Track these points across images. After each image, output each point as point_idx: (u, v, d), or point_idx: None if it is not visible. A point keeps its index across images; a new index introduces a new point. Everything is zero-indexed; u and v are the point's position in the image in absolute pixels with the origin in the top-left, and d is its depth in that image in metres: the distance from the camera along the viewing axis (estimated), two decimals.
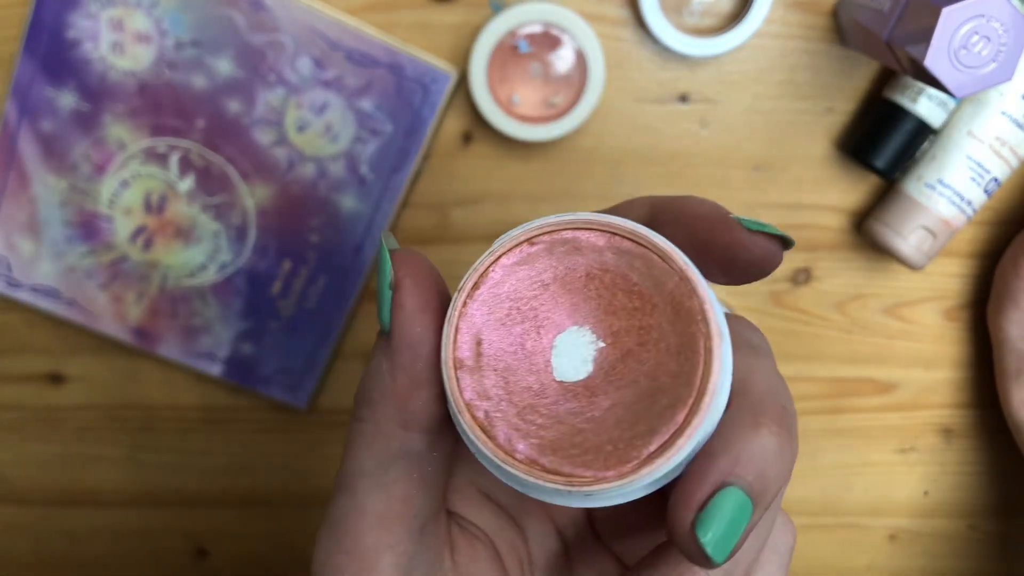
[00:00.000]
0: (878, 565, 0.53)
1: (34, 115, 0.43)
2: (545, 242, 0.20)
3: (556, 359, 0.20)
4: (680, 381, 0.19)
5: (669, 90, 0.44)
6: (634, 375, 0.19)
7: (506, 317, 0.20)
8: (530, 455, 0.19)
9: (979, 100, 0.42)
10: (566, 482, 0.18)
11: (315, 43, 0.42)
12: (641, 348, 0.19)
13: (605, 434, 0.19)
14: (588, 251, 0.20)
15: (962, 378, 0.49)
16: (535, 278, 0.20)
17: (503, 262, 0.20)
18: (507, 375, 0.19)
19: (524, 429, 0.19)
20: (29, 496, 0.51)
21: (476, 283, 0.20)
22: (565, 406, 0.19)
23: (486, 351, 0.20)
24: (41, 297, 0.46)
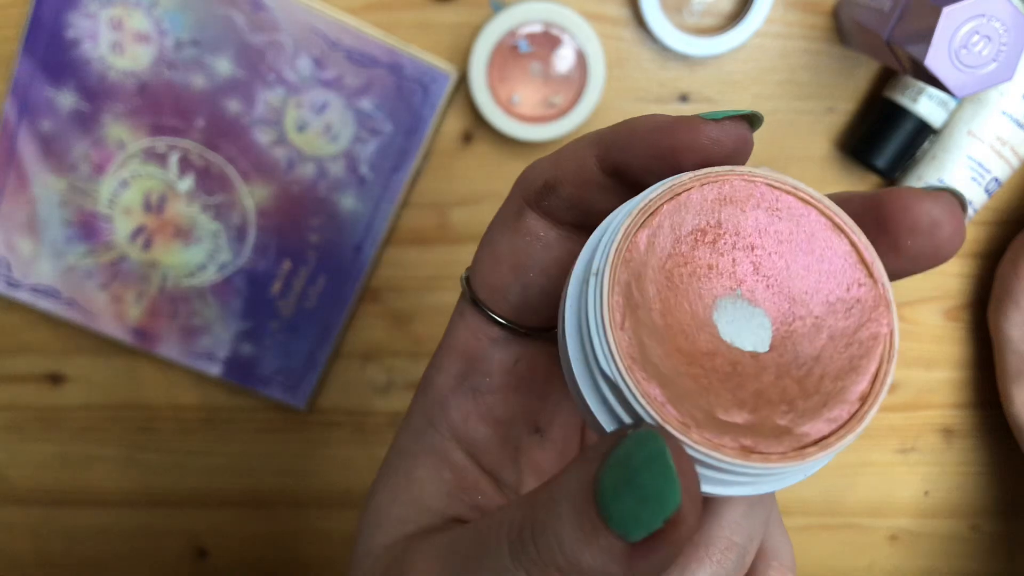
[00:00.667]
0: (879, 565, 0.53)
1: (34, 115, 0.43)
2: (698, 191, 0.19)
3: (725, 327, 0.18)
4: (861, 331, 0.18)
5: (669, 90, 0.44)
6: (804, 346, 0.18)
7: (666, 281, 0.18)
8: (708, 432, 0.17)
9: (979, 100, 0.42)
10: (743, 459, 0.16)
11: (315, 43, 0.42)
12: (812, 318, 0.18)
13: (776, 407, 0.17)
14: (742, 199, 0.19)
15: (963, 378, 0.49)
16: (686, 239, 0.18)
17: (669, 203, 0.18)
18: (671, 343, 0.17)
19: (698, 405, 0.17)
20: (29, 496, 0.51)
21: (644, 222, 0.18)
22: (734, 381, 0.17)
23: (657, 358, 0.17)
24: (41, 297, 0.46)
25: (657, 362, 0.17)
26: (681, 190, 0.18)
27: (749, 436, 0.17)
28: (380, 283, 0.47)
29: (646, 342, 0.17)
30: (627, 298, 0.17)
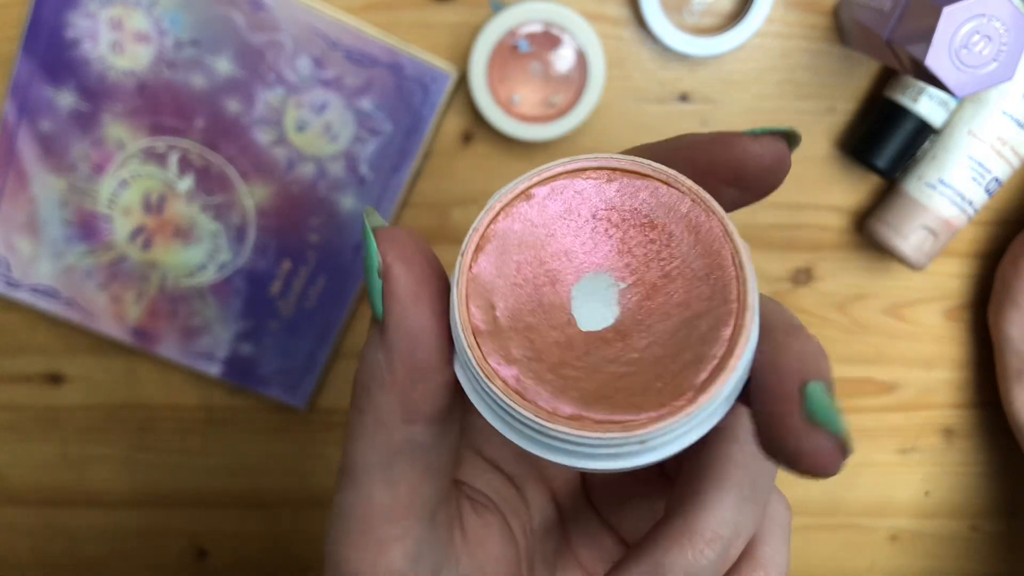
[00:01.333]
0: (879, 565, 0.53)
1: (33, 115, 0.43)
2: (543, 192, 0.19)
3: (578, 310, 0.18)
4: (716, 302, 0.18)
5: (669, 90, 0.44)
6: (665, 308, 0.18)
7: (516, 275, 0.18)
8: (575, 411, 0.17)
9: (980, 100, 0.42)
10: (621, 429, 0.17)
11: (315, 43, 0.42)
12: (666, 279, 0.18)
13: (650, 371, 0.17)
14: (589, 192, 0.19)
15: (963, 378, 0.49)
16: (539, 230, 0.19)
17: (501, 219, 0.19)
18: (530, 334, 0.18)
19: (561, 385, 0.17)
20: (28, 496, 0.51)
21: (479, 245, 0.18)
22: (599, 354, 0.18)
23: (502, 314, 0.18)
24: (40, 297, 0.46)
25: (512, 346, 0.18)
26: (527, 187, 0.19)
27: (595, 410, 0.17)
28: None
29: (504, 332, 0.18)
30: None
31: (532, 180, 0.19)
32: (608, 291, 0.18)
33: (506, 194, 0.19)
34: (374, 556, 0.20)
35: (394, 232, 0.19)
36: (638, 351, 0.18)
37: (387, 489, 0.20)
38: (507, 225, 0.19)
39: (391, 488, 0.20)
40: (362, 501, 0.20)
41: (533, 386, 0.17)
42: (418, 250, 0.19)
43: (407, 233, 0.19)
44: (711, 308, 0.18)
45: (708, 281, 0.18)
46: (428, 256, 0.19)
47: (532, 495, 0.25)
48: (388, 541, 0.20)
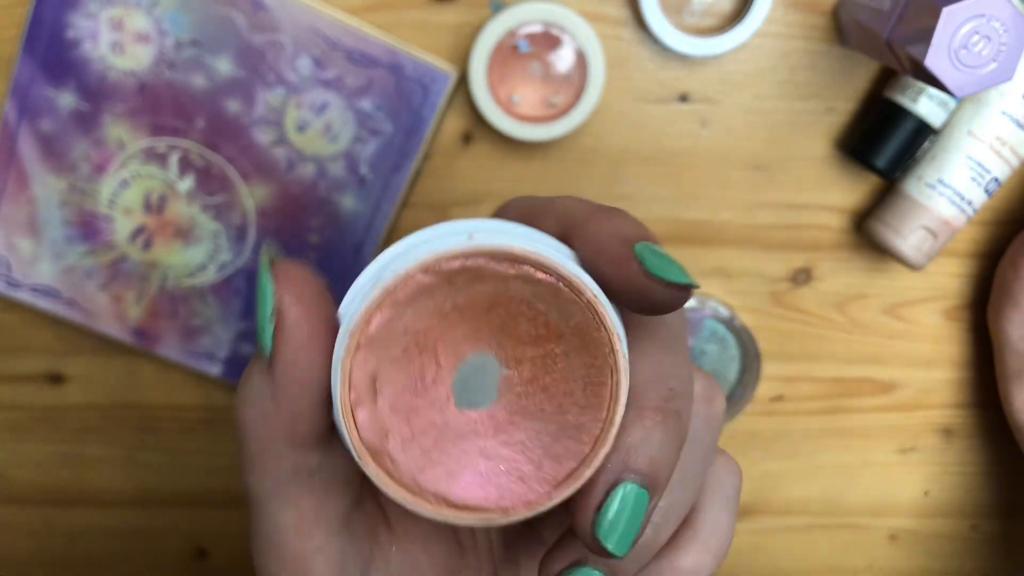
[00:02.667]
0: (879, 565, 0.53)
1: (34, 115, 0.43)
2: (444, 271, 0.18)
3: (458, 388, 0.19)
4: (585, 411, 0.19)
5: (669, 90, 0.44)
6: (540, 404, 0.19)
7: (403, 353, 0.19)
8: (439, 494, 0.19)
9: (979, 100, 0.42)
10: (478, 519, 0.19)
11: (315, 43, 0.42)
12: (546, 376, 0.19)
13: (513, 464, 0.19)
14: (491, 279, 0.18)
15: (962, 378, 0.49)
16: (433, 309, 0.18)
17: (397, 296, 0.18)
18: (408, 413, 0.19)
19: (430, 469, 0.19)
20: (29, 496, 0.51)
21: (367, 319, 0.18)
22: (471, 440, 0.19)
23: (383, 388, 0.18)
24: (41, 297, 0.46)
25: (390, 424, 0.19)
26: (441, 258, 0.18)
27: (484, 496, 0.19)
28: None
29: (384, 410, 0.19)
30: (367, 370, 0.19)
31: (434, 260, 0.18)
32: (491, 374, 0.19)
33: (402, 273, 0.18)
34: (299, 571, 0.20)
35: (291, 269, 0.19)
36: (506, 442, 0.19)
37: (290, 512, 0.20)
38: (399, 304, 0.18)
39: (293, 509, 0.20)
40: (270, 525, 0.20)
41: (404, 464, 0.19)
42: (315, 293, 0.19)
43: (305, 273, 0.19)
44: (581, 418, 0.19)
45: (584, 390, 0.19)
46: (323, 301, 0.19)
47: None
48: (307, 556, 0.20)
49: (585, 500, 0.19)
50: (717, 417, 0.22)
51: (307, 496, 0.20)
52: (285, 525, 0.20)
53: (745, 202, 0.46)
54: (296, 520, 0.20)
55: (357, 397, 0.18)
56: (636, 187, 0.46)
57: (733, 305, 0.48)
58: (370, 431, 0.18)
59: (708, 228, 0.46)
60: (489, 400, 0.19)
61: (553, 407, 0.19)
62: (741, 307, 0.48)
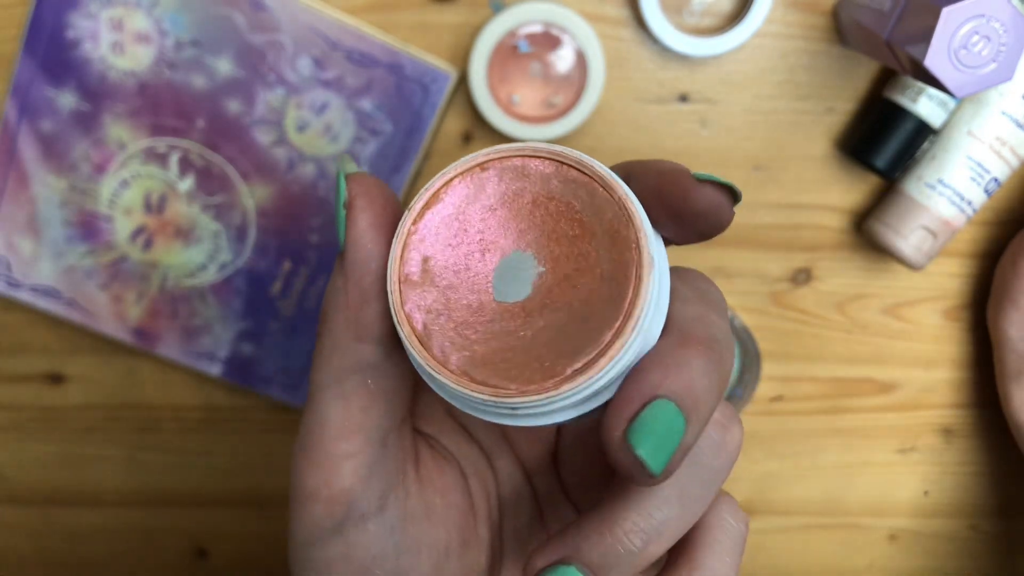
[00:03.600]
0: (878, 565, 0.53)
1: (34, 115, 0.43)
2: (496, 168, 0.21)
3: (498, 280, 0.20)
4: (610, 305, 0.19)
5: (669, 90, 0.44)
6: (568, 299, 0.20)
7: (454, 237, 0.20)
8: (462, 366, 0.20)
9: (979, 100, 0.42)
10: (492, 393, 0.19)
11: (315, 43, 0.42)
12: (577, 274, 0.20)
13: (535, 352, 0.19)
14: (536, 178, 0.20)
15: (962, 378, 0.49)
16: (484, 202, 0.21)
17: (455, 184, 0.21)
18: (449, 292, 0.20)
19: (459, 343, 0.20)
20: (29, 496, 0.51)
21: (428, 203, 0.21)
22: (501, 324, 0.20)
23: (432, 268, 0.20)
24: (41, 297, 0.46)
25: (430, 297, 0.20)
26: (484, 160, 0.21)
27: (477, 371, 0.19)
28: None
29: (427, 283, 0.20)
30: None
31: (490, 156, 0.21)
32: (528, 271, 0.20)
33: (464, 163, 0.21)
34: (327, 473, 0.21)
35: (363, 176, 0.22)
36: (533, 330, 0.20)
37: (339, 406, 0.21)
38: (458, 191, 0.21)
39: (343, 405, 0.21)
40: (318, 419, 0.21)
41: (436, 335, 0.20)
42: (381, 192, 0.21)
43: (374, 178, 0.22)
44: (604, 310, 0.19)
45: (610, 285, 0.19)
46: (390, 199, 0.22)
47: (501, 464, 0.25)
48: (339, 458, 0.21)
49: (619, 407, 0.18)
50: (730, 447, 0.21)
51: (358, 395, 0.21)
52: (330, 419, 0.21)
53: (745, 202, 0.46)
54: (342, 416, 0.21)
55: (408, 271, 0.20)
56: None
57: (733, 305, 0.48)
58: (412, 300, 0.20)
59: None
60: (523, 294, 0.20)
61: (581, 303, 0.19)
62: (741, 307, 0.48)
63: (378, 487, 0.22)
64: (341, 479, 0.21)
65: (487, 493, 0.25)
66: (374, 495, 0.22)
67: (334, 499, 0.21)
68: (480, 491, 0.25)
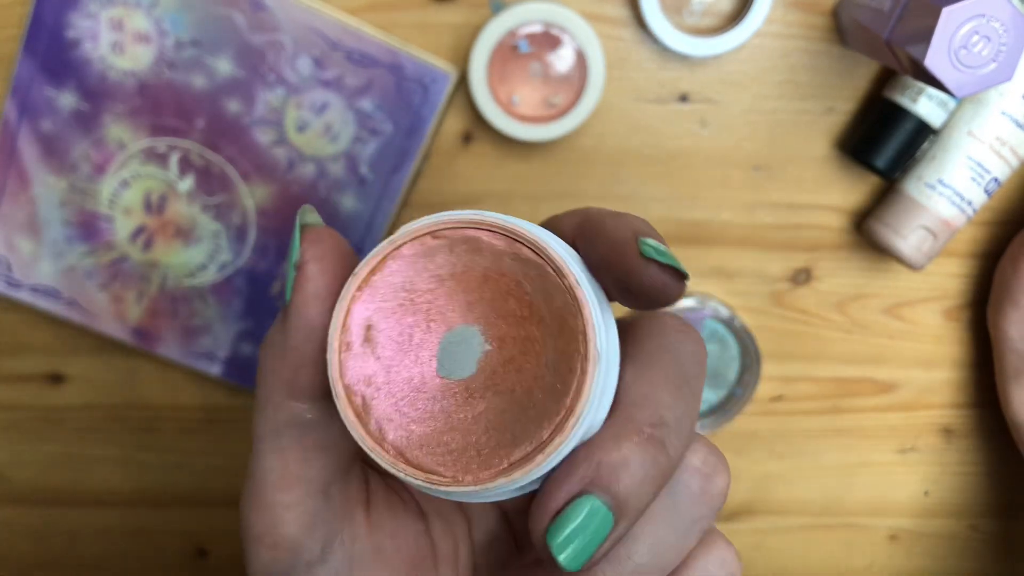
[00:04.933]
0: (879, 565, 0.53)
1: (34, 115, 0.43)
2: (447, 237, 0.20)
3: (442, 355, 0.20)
4: (551, 397, 0.19)
5: (669, 90, 0.44)
6: (511, 384, 0.19)
7: (399, 307, 0.20)
8: (398, 446, 0.19)
9: (979, 100, 0.42)
10: (425, 479, 0.19)
11: (315, 43, 0.42)
12: (523, 357, 0.19)
13: (473, 437, 0.19)
14: (488, 253, 0.20)
15: (962, 378, 0.49)
16: (433, 272, 0.20)
17: (403, 252, 0.20)
18: (390, 364, 0.20)
19: (396, 420, 0.19)
20: (29, 496, 0.51)
21: (373, 269, 0.20)
22: (441, 404, 0.19)
23: (375, 337, 0.20)
24: (41, 297, 0.46)
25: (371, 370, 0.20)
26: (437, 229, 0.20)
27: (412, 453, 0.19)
28: None
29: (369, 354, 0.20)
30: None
31: (442, 224, 0.20)
32: (474, 348, 0.20)
33: (414, 229, 0.20)
34: (270, 520, 0.21)
35: (320, 233, 0.21)
36: (473, 414, 0.19)
37: (276, 459, 0.21)
38: (407, 259, 0.20)
39: (280, 458, 0.21)
40: (259, 468, 0.21)
41: (374, 410, 0.19)
42: (336, 253, 0.21)
43: (331, 236, 0.21)
44: (546, 402, 0.19)
45: (555, 375, 0.19)
46: (344, 258, 0.21)
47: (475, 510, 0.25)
48: (282, 508, 0.21)
49: (544, 501, 0.18)
50: (712, 495, 0.21)
51: (295, 448, 0.21)
52: (269, 470, 0.21)
53: (745, 202, 0.46)
54: (280, 469, 0.21)
55: (349, 339, 0.20)
56: (636, 187, 0.46)
57: (733, 305, 0.48)
58: (352, 371, 0.20)
59: (708, 228, 0.46)
60: (467, 372, 0.20)
61: (523, 390, 0.19)
62: (741, 307, 0.48)
63: (321, 535, 0.22)
64: (285, 526, 0.21)
65: (452, 533, 0.24)
66: (317, 543, 0.21)
67: (279, 545, 0.21)
68: (443, 531, 0.24)
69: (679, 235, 0.47)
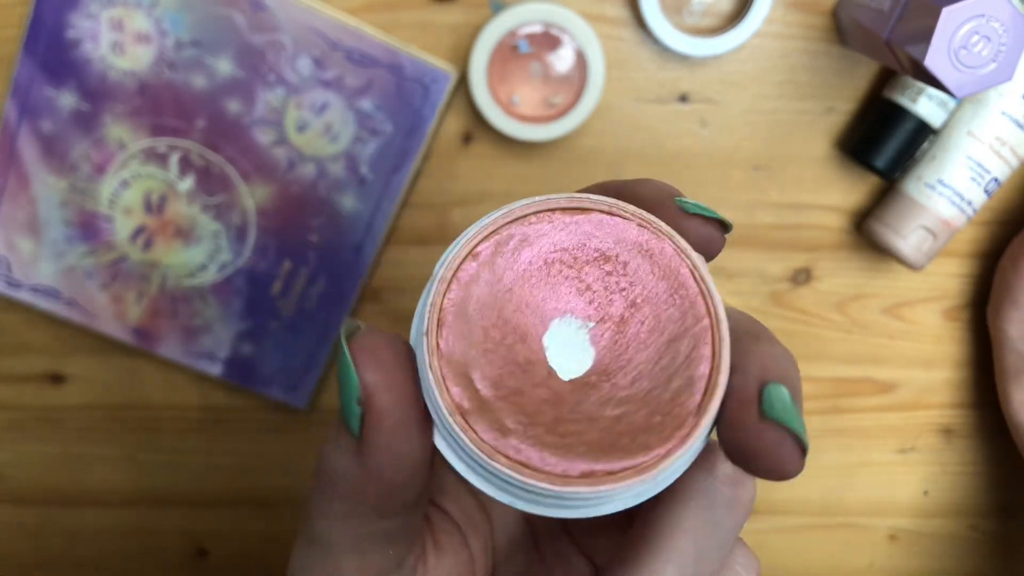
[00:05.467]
0: (878, 565, 0.53)
1: (34, 115, 0.43)
2: (489, 248, 0.18)
3: (555, 360, 0.18)
4: (688, 322, 0.17)
5: (669, 90, 0.44)
6: (639, 338, 0.18)
7: (485, 340, 0.18)
8: (587, 467, 0.17)
9: (979, 100, 0.42)
10: (636, 473, 0.17)
11: (315, 43, 0.42)
12: (633, 309, 0.18)
13: (646, 407, 0.17)
14: (535, 238, 0.18)
15: (962, 378, 0.49)
16: (494, 288, 0.18)
17: (454, 287, 0.18)
18: (517, 399, 0.17)
19: (565, 444, 0.17)
20: (29, 496, 0.51)
21: (439, 319, 0.18)
22: (590, 401, 0.17)
23: (482, 385, 0.17)
24: (41, 297, 0.46)
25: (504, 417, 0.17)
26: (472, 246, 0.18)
27: (606, 460, 0.17)
28: (380, 283, 0.47)
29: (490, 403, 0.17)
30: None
31: (475, 238, 0.18)
32: (579, 334, 0.18)
33: (452, 259, 0.18)
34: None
35: (377, 348, 0.18)
36: (626, 388, 0.17)
37: (357, 563, 0.20)
38: (462, 291, 0.18)
39: (361, 563, 0.20)
40: (332, 568, 0.20)
41: (537, 453, 0.17)
42: (399, 366, 0.18)
43: (389, 350, 0.18)
44: (685, 329, 0.17)
45: (674, 302, 0.18)
46: (411, 377, 0.18)
47: (498, 513, 0.25)
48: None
49: (739, 398, 0.17)
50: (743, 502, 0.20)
51: (379, 553, 0.20)
52: (348, 572, 0.20)
53: (745, 202, 0.46)
54: (359, 570, 0.20)
55: (460, 402, 0.17)
56: None
57: (733, 305, 0.48)
58: (488, 432, 0.17)
59: None
60: (589, 358, 0.18)
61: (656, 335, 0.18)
62: (741, 307, 0.48)
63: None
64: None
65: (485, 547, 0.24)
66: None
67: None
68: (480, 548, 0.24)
69: None
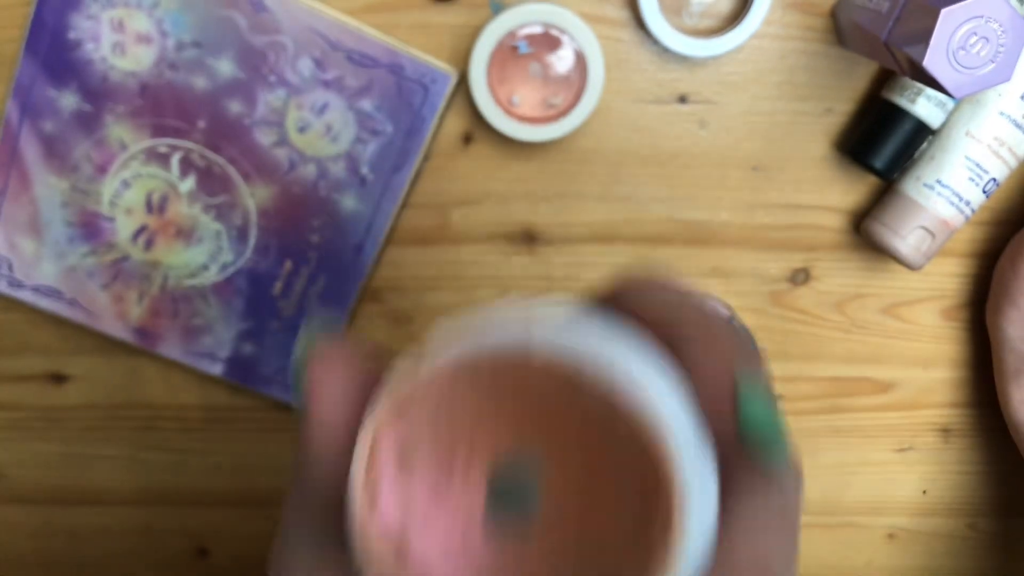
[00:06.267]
0: (877, 564, 0.53)
1: (36, 116, 0.43)
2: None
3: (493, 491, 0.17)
4: (630, 542, 0.16)
5: (668, 91, 0.45)
6: (581, 524, 0.16)
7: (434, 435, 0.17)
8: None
9: (977, 100, 0.43)
10: None
11: (316, 44, 0.42)
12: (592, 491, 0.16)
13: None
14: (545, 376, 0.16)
15: (961, 378, 0.50)
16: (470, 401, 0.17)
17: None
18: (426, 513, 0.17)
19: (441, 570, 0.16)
20: (30, 496, 0.51)
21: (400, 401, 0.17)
22: (495, 549, 0.16)
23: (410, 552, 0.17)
24: (43, 297, 0.46)
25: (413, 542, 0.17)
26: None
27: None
28: (381, 283, 0.47)
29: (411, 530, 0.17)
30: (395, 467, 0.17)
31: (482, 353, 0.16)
32: (531, 480, 0.17)
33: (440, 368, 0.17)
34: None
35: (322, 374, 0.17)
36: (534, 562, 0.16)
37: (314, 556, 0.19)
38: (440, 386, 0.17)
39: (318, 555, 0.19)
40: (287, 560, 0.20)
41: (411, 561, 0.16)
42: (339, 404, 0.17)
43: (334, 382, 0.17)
44: (624, 549, 0.16)
45: (633, 516, 0.16)
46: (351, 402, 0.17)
47: None
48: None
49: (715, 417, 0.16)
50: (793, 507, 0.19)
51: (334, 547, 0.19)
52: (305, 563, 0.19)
53: (744, 202, 0.46)
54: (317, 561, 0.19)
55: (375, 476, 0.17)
56: (635, 188, 0.46)
57: (732, 305, 0.48)
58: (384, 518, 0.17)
59: (707, 228, 0.47)
60: (525, 509, 0.16)
61: (595, 531, 0.16)
62: (740, 307, 0.48)
63: None
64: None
65: None
66: None
67: None
68: None
69: (678, 235, 0.47)
